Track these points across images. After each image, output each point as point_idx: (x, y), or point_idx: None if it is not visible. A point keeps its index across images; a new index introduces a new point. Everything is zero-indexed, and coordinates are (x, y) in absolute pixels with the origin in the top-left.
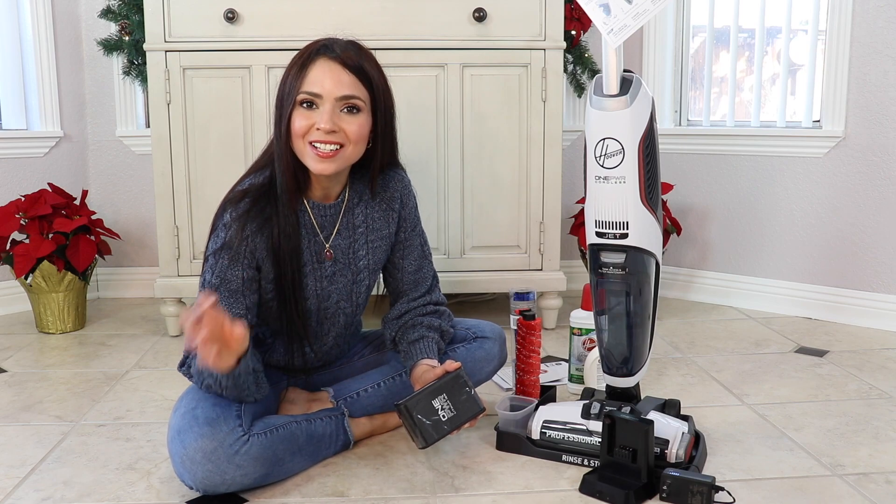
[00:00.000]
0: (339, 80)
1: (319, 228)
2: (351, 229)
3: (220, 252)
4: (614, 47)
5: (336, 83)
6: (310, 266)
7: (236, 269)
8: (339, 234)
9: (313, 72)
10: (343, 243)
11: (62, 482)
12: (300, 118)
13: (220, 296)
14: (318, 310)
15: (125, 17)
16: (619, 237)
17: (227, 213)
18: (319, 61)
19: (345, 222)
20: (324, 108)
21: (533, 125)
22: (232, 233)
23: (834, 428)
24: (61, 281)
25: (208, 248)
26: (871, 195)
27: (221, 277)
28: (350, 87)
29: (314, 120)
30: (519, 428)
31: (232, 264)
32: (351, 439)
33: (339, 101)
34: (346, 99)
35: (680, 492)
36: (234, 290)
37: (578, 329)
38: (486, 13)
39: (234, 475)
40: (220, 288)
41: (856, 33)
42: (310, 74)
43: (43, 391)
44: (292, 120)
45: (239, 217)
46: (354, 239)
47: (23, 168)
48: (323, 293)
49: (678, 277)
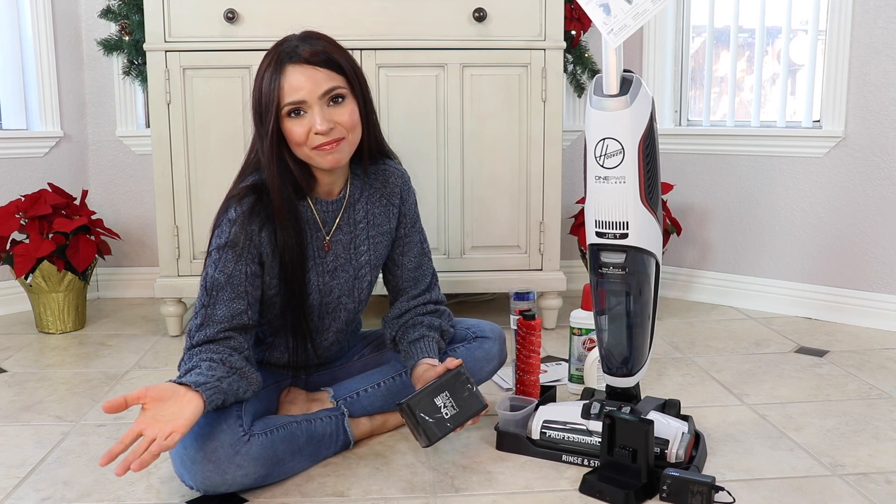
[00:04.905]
0: (315, 79)
1: (322, 224)
2: (352, 224)
3: (224, 248)
4: (614, 47)
5: (314, 84)
6: (312, 261)
7: (240, 265)
8: (340, 229)
9: (287, 81)
10: (344, 238)
11: (62, 482)
12: (295, 127)
13: (223, 291)
14: (320, 305)
15: (125, 17)
16: (619, 237)
17: (232, 209)
18: (289, 68)
19: (346, 217)
20: (312, 111)
21: (533, 125)
22: (237, 228)
23: (834, 428)
24: (61, 281)
25: (211, 244)
26: (871, 195)
27: (225, 273)
28: (328, 81)
29: (308, 124)
30: (519, 428)
31: (236, 260)
32: (351, 440)
33: (322, 97)
34: (328, 93)
35: (680, 492)
36: (237, 285)
37: (578, 329)
38: (487, 13)
39: (234, 475)
40: (223, 283)
41: (856, 33)
42: (285, 85)
43: (43, 391)
44: (287, 131)
45: (244, 213)
46: (356, 234)
47: (23, 168)
48: (325, 288)
49: (678, 277)
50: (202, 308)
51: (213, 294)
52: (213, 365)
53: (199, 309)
